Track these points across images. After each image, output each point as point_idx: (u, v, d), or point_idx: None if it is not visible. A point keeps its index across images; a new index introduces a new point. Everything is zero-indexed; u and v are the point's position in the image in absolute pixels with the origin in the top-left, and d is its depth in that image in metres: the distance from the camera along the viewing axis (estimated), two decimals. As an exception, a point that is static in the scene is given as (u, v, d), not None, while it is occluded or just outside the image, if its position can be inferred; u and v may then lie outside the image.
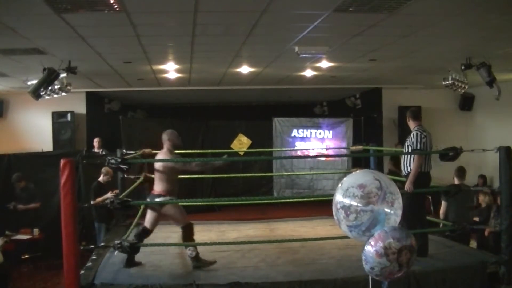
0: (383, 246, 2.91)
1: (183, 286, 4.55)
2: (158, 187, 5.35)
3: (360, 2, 4.59)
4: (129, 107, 13.41)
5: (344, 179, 3.23)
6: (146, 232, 5.42)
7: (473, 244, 7.66)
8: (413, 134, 5.45)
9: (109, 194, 7.20)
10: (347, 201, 3.02)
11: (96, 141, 10.04)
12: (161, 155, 5.55)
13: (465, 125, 11.53)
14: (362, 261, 3.05)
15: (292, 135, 11.22)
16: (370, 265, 2.98)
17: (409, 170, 5.37)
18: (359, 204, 2.98)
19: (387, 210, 3.01)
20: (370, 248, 2.96)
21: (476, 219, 7.71)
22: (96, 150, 9.92)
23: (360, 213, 2.97)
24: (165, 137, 5.49)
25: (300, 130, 11.24)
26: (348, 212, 3.00)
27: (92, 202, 7.48)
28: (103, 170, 7.78)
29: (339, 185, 3.21)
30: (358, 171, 3.49)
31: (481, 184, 10.06)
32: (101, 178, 7.78)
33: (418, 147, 5.33)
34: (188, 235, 5.36)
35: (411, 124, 5.61)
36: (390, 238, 2.93)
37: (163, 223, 8.19)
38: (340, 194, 3.09)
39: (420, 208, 5.60)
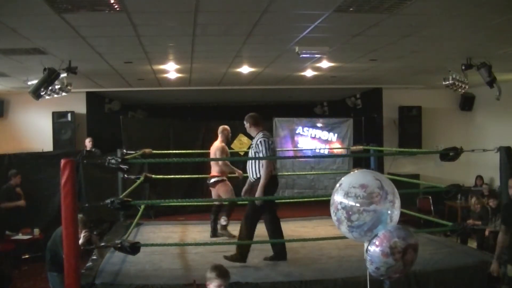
0: (389, 246, 2.89)
1: (183, 286, 4.54)
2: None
3: (361, 2, 4.58)
4: (129, 107, 13.42)
5: (343, 179, 3.20)
6: None
7: (473, 244, 7.67)
8: (260, 142, 5.54)
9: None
10: (349, 201, 3.01)
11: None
12: None
13: (465, 125, 11.52)
14: (367, 262, 3.02)
15: (292, 135, 11.21)
16: (376, 265, 2.95)
17: (258, 175, 5.52)
18: (362, 205, 2.96)
19: (389, 210, 3.00)
20: (376, 248, 2.94)
21: (478, 222, 7.73)
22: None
23: (363, 214, 2.95)
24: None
25: (300, 130, 11.24)
26: (350, 213, 2.98)
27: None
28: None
29: (338, 185, 3.17)
30: (356, 171, 3.47)
31: (480, 184, 10.07)
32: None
33: (268, 154, 5.45)
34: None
35: (253, 130, 5.74)
36: (396, 237, 2.92)
37: (163, 223, 8.27)
38: (341, 194, 3.06)
39: (269, 212, 5.68)
